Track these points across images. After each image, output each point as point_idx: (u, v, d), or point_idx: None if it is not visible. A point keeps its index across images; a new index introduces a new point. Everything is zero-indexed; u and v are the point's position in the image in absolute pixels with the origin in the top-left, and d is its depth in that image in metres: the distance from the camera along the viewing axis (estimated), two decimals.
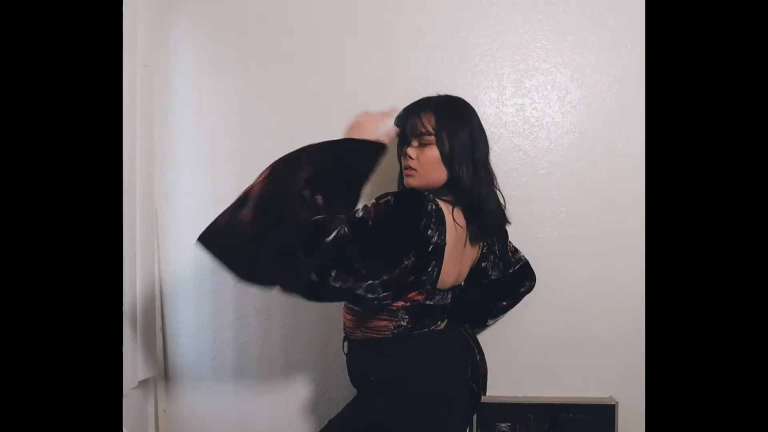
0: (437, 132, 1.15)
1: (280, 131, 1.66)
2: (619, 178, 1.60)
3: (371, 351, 1.20)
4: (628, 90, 1.59)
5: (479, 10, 1.62)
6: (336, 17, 1.65)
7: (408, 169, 1.18)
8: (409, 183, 1.19)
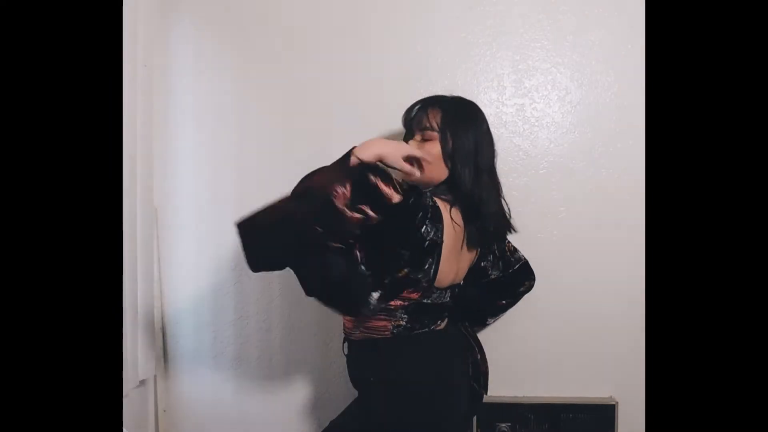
0: (441, 129, 1.16)
1: (280, 131, 1.67)
2: (619, 178, 1.60)
3: (371, 351, 1.20)
4: (628, 90, 1.59)
5: (479, 10, 1.62)
6: (336, 17, 1.65)
7: None
8: (410, 178, 1.18)
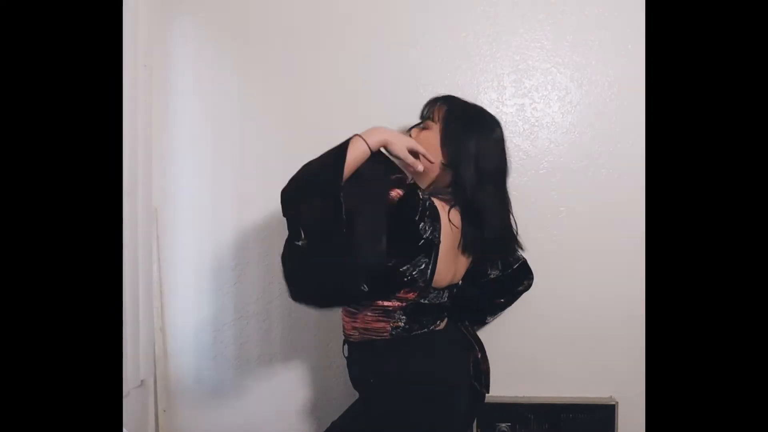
0: (442, 120, 1.20)
1: (280, 131, 1.66)
2: (619, 178, 1.60)
3: (370, 353, 1.20)
4: (628, 90, 1.59)
5: (479, 10, 1.62)
6: (336, 17, 1.65)
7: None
8: (410, 171, 1.20)
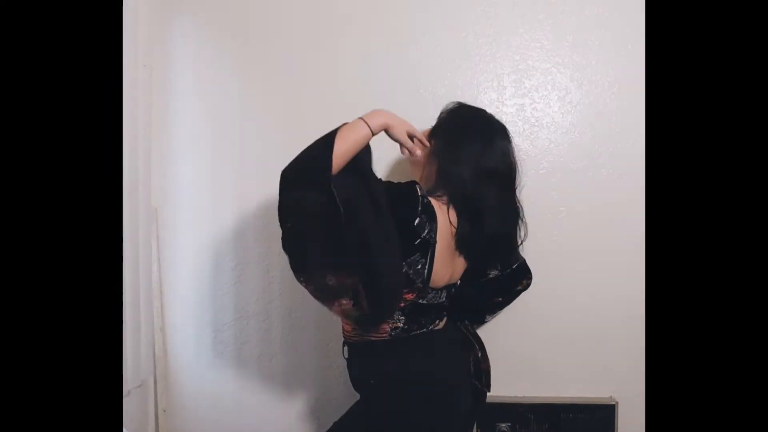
0: (440, 115, 1.26)
1: (279, 131, 1.66)
2: (619, 178, 1.60)
3: (370, 354, 1.20)
4: (628, 90, 1.59)
5: (479, 10, 1.62)
6: (336, 17, 1.65)
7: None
8: (409, 154, 1.22)
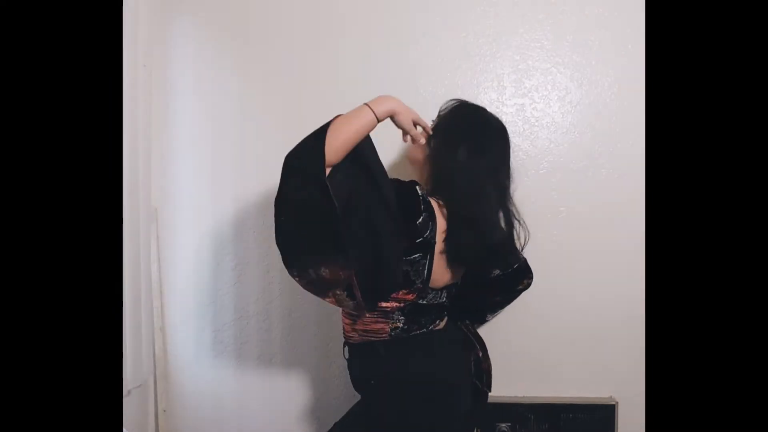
0: (439, 112, 1.25)
1: (279, 131, 1.66)
2: (619, 178, 1.61)
3: (370, 354, 1.20)
4: (628, 90, 1.59)
5: (479, 10, 1.62)
6: (336, 18, 1.65)
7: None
8: (413, 142, 1.23)
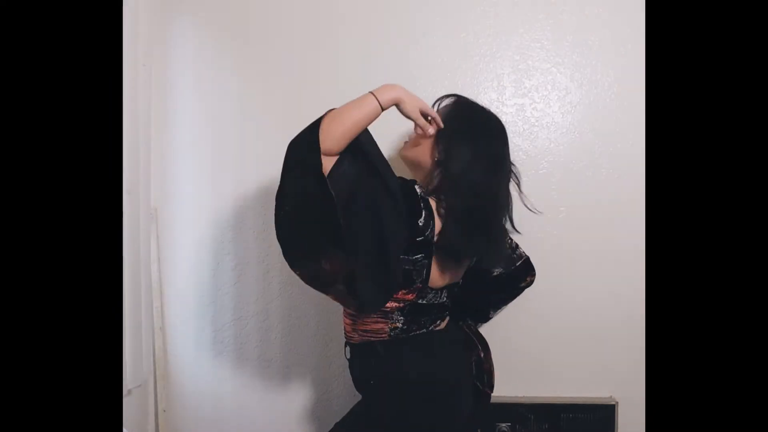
0: (443, 117, 1.23)
1: (279, 131, 1.65)
2: (619, 178, 1.61)
3: (370, 355, 1.20)
4: (628, 90, 1.59)
5: (479, 10, 1.62)
6: (336, 17, 1.65)
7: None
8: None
